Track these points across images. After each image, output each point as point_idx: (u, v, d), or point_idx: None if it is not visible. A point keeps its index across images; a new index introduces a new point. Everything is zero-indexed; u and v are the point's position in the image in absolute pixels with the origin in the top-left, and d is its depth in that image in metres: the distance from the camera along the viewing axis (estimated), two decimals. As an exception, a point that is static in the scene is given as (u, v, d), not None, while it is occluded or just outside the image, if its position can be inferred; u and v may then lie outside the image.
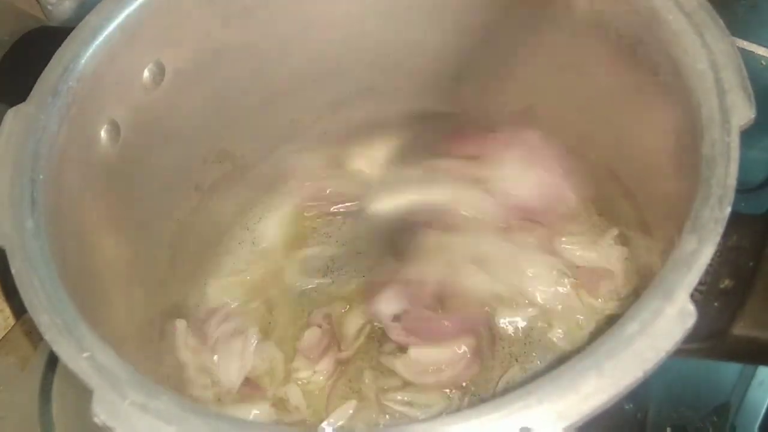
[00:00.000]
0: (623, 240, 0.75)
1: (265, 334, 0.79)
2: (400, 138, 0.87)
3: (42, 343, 0.48)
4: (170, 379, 0.73)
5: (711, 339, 0.47)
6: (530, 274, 0.76)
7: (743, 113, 0.48)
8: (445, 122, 0.84)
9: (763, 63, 0.87)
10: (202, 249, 0.82)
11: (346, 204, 0.86)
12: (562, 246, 0.77)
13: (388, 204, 0.83)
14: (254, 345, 0.76)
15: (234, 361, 0.74)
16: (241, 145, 0.81)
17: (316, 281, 0.83)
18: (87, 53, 0.61)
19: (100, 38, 0.62)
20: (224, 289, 0.82)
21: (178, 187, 0.75)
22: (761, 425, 0.74)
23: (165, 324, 0.75)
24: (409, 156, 0.86)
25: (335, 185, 0.87)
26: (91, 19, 0.62)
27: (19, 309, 0.70)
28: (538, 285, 0.76)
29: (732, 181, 0.46)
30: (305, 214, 0.87)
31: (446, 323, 0.75)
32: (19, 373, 0.76)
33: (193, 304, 0.81)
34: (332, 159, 0.88)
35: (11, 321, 0.77)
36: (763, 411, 0.75)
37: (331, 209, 0.87)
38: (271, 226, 0.87)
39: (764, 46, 0.86)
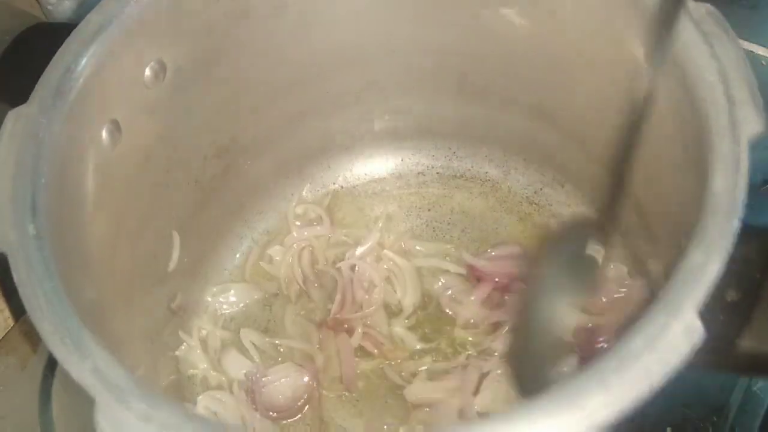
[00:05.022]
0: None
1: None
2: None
3: (42, 343, 0.48)
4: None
5: (716, 352, 0.47)
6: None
7: (753, 126, 0.48)
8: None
9: (764, 63, 0.87)
10: (201, 244, 0.82)
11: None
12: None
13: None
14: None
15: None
16: (242, 140, 0.80)
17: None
18: (89, 52, 0.60)
19: (102, 37, 0.61)
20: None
21: (177, 182, 0.75)
22: (761, 425, 0.74)
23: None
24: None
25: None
26: (92, 17, 0.61)
27: (19, 309, 0.70)
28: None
29: (741, 194, 0.46)
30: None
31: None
32: (19, 373, 0.76)
33: (194, 301, 0.81)
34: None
35: (11, 321, 0.77)
36: (763, 411, 0.74)
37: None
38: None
39: (764, 46, 0.86)
